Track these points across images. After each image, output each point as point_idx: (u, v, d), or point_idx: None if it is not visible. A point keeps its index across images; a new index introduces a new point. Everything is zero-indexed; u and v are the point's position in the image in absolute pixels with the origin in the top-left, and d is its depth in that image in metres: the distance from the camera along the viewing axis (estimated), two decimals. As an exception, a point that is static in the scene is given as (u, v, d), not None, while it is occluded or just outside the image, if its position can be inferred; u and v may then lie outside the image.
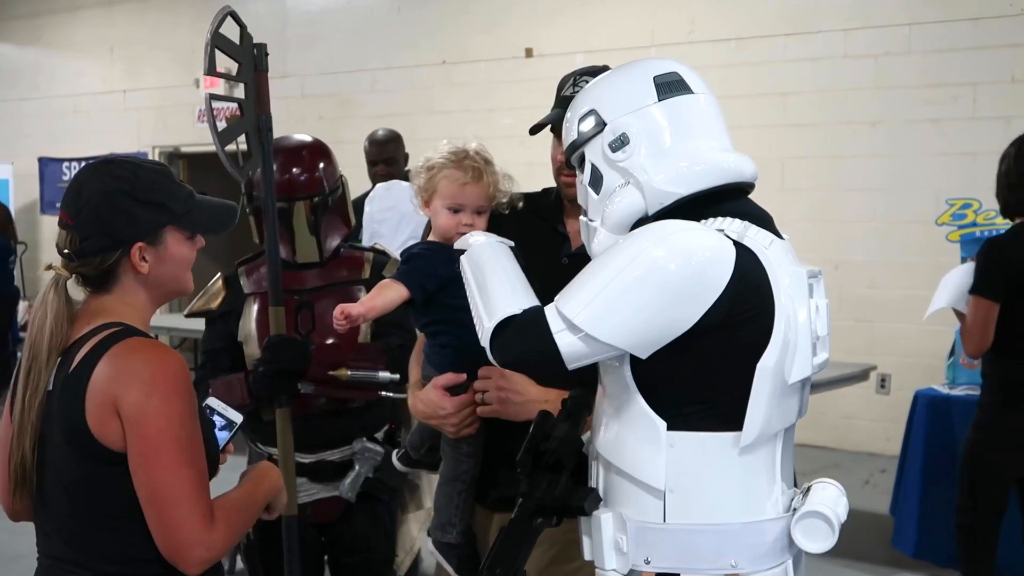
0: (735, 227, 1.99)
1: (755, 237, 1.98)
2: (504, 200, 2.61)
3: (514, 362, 2.01)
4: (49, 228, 13.32)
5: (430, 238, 2.61)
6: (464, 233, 2.49)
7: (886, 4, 7.93)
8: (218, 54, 2.92)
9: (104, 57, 12.70)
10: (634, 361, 1.95)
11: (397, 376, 3.08)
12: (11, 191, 13.10)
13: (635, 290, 1.87)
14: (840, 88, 8.05)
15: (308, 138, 3.34)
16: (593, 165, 2.10)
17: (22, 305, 11.50)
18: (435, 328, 2.52)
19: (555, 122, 2.53)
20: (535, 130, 2.63)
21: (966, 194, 6.05)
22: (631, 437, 1.98)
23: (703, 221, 1.99)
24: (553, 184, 2.69)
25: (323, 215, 3.21)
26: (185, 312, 3.47)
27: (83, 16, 12.84)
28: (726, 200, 2.05)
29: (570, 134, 2.16)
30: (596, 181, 2.10)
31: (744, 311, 1.91)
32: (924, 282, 7.50)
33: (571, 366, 1.92)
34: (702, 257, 1.88)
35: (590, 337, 1.88)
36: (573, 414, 2.13)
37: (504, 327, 1.96)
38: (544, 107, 2.66)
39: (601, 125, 2.09)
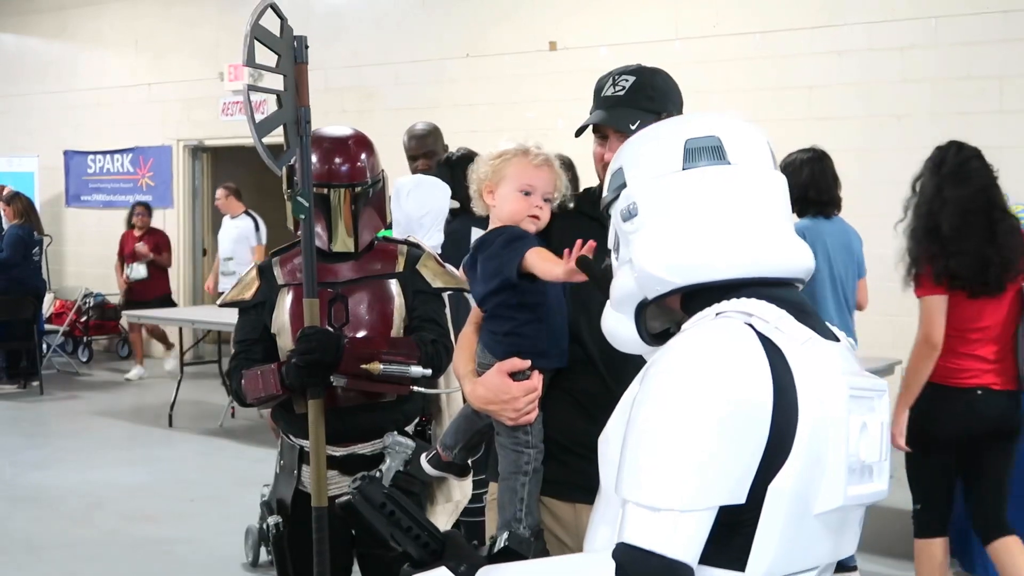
0: (766, 314, 1.69)
1: (788, 331, 1.68)
2: (558, 199, 2.62)
3: None
4: (74, 220, 13.40)
5: (496, 226, 2.58)
6: (535, 216, 2.52)
7: (913, -4, 7.89)
8: (257, 46, 2.92)
9: (129, 50, 12.76)
10: None
11: (429, 371, 3.07)
12: (36, 184, 13.20)
13: (710, 440, 1.58)
14: (866, 81, 8.01)
15: (350, 130, 3.35)
16: (615, 229, 1.87)
17: (48, 297, 11.60)
18: (504, 312, 2.49)
19: (600, 123, 2.53)
20: (578, 133, 2.63)
21: (993, 188, 6.01)
22: None
23: (728, 300, 1.73)
24: (591, 182, 2.69)
25: (363, 206, 3.22)
26: (219, 302, 3.47)
27: (109, 9, 12.90)
28: (761, 285, 1.75)
29: (605, 189, 1.95)
30: (616, 246, 1.87)
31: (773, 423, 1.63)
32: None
33: (696, 560, 1.59)
34: (743, 367, 1.61)
35: (686, 513, 1.57)
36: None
37: None
38: (568, 100, 2.68)
39: (621, 187, 1.84)
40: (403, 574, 1.90)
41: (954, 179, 4.49)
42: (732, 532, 1.62)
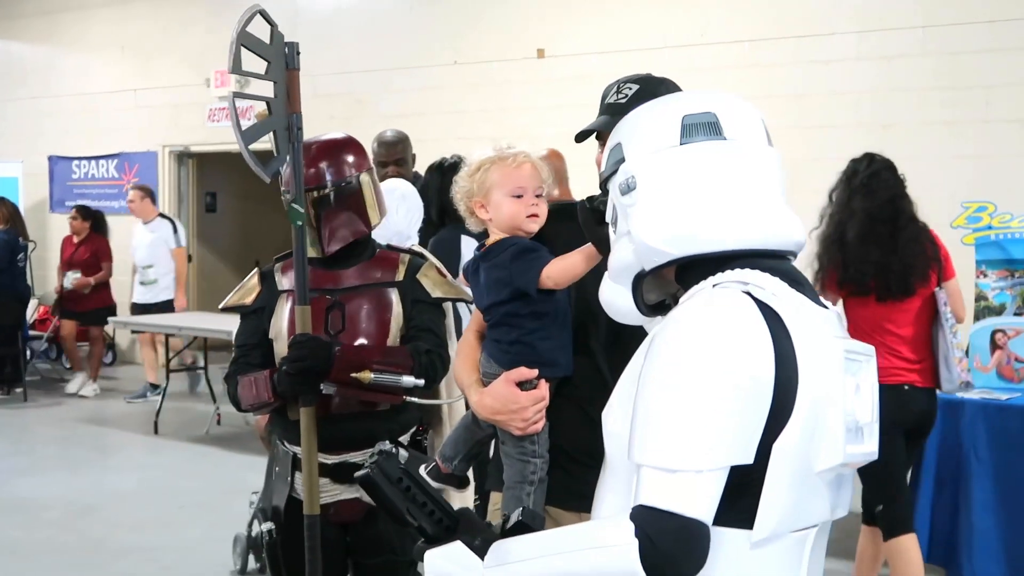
0: (762, 283, 1.75)
1: (784, 297, 1.74)
2: (546, 190, 2.62)
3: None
4: (58, 226, 13.33)
5: (498, 237, 2.58)
6: (533, 215, 2.52)
7: (900, 6, 7.92)
8: (244, 52, 2.90)
9: (115, 56, 12.72)
10: None
11: (422, 381, 3.06)
12: (21, 189, 13.14)
13: (718, 401, 1.63)
14: (854, 90, 8.04)
15: (328, 135, 3.34)
16: (613, 203, 1.92)
17: (32, 303, 11.54)
18: (511, 320, 2.48)
19: (602, 129, 2.53)
20: (581, 137, 2.62)
21: (979, 197, 6.04)
22: None
23: (723, 272, 1.78)
24: (590, 188, 2.69)
25: (326, 210, 3.19)
26: (220, 306, 3.47)
27: (94, 15, 12.86)
28: (754, 256, 1.80)
29: (603, 163, 2.00)
30: (614, 219, 1.92)
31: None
32: (937, 285, 7.50)
33: (711, 519, 1.63)
34: (746, 333, 1.67)
35: (701, 473, 1.61)
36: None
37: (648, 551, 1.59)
38: (556, 108, 2.68)
39: (619, 162, 1.90)
40: (418, 550, 1.92)
41: (864, 190, 4.81)
42: (740, 492, 1.66)
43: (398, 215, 4.55)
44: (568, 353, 2.53)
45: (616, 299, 1.94)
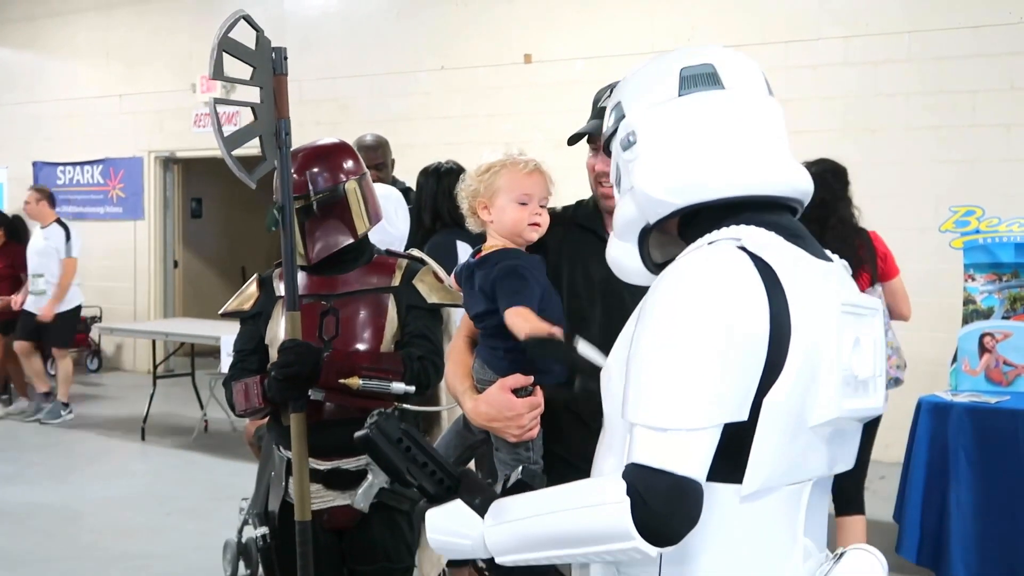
0: (757, 238, 1.73)
1: (779, 251, 1.72)
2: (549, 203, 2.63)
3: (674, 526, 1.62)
4: (44, 232, 13.28)
5: (496, 242, 2.58)
6: (536, 224, 2.53)
7: (886, 12, 7.96)
8: (228, 58, 2.90)
9: (101, 61, 12.69)
10: None
11: (412, 388, 3.04)
12: (5, 195, 13.10)
13: (712, 359, 1.62)
14: (840, 95, 8.08)
15: (326, 141, 3.34)
16: (616, 163, 1.92)
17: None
18: (505, 331, 2.49)
19: (592, 132, 2.53)
20: (573, 140, 2.62)
21: (966, 201, 6.06)
22: None
23: (714, 232, 1.76)
24: (575, 193, 2.70)
25: (308, 218, 3.19)
26: (220, 311, 3.47)
27: (80, 20, 12.82)
28: (755, 210, 1.79)
29: (605, 125, 1.99)
30: (617, 180, 1.92)
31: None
32: (924, 289, 7.53)
33: (704, 477, 1.63)
34: (739, 290, 1.66)
35: (693, 431, 1.61)
36: None
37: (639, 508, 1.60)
38: (544, 113, 2.69)
39: (620, 119, 1.90)
40: (419, 509, 1.93)
41: None
42: (733, 448, 1.65)
43: (398, 218, 4.55)
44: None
45: (623, 258, 1.93)
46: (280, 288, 3.25)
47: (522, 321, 2.37)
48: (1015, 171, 7.44)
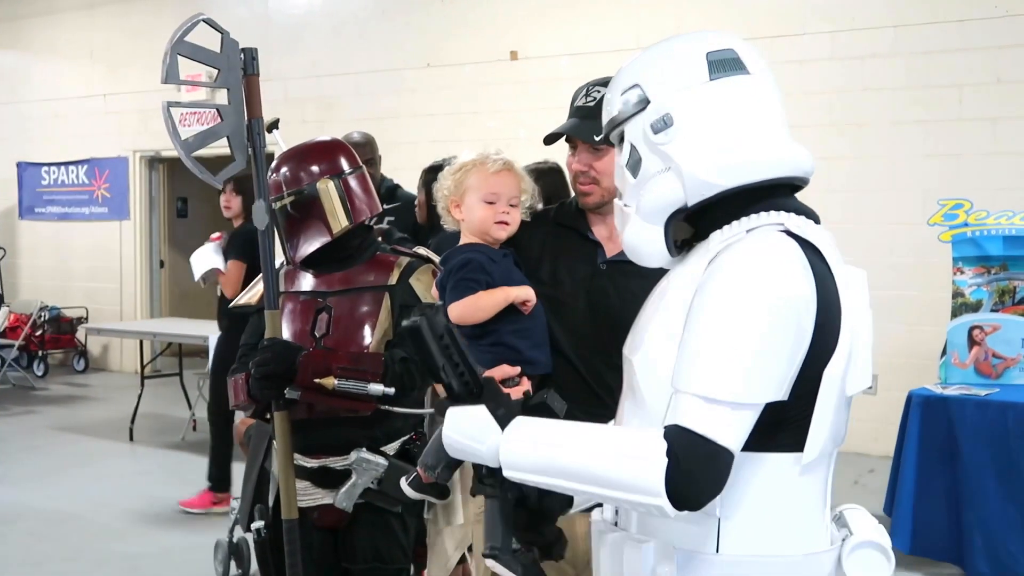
0: (795, 222, 1.83)
1: (819, 234, 1.83)
2: (527, 202, 2.64)
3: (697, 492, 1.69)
4: (28, 233, 13.24)
5: (467, 240, 2.62)
6: (503, 222, 2.56)
7: (872, 6, 7.98)
8: (191, 61, 2.93)
9: (85, 61, 12.63)
10: None
11: (391, 390, 3.00)
12: (-10, 196, 13.04)
13: (766, 341, 1.70)
14: (827, 90, 8.08)
15: (311, 141, 3.34)
16: (632, 146, 1.92)
17: (2, 311, 11.44)
18: (486, 326, 2.50)
19: (570, 132, 2.53)
20: (550, 140, 2.61)
21: (953, 195, 6.08)
22: None
23: (752, 215, 1.85)
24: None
25: (286, 218, 3.18)
26: (230, 305, 3.47)
27: (63, 20, 12.76)
28: (776, 196, 1.88)
29: (610, 109, 1.98)
30: (635, 164, 1.92)
31: (821, 317, 1.78)
32: (912, 283, 7.56)
33: (738, 451, 1.71)
34: (796, 276, 1.74)
35: (743, 406, 1.69)
36: None
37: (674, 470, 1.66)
38: (530, 110, 2.69)
39: (645, 102, 1.90)
40: (440, 405, 1.96)
41: None
42: (781, 422, 1.76)
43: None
44: (546, 351, 2.58)
45: (647, 242, 1.94)
46: (284, 284, 3.26)
47: (471, 304, 2.48)
48: (1002, 164, 7.46)
